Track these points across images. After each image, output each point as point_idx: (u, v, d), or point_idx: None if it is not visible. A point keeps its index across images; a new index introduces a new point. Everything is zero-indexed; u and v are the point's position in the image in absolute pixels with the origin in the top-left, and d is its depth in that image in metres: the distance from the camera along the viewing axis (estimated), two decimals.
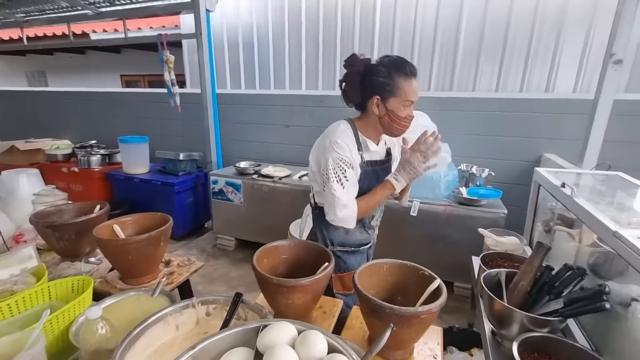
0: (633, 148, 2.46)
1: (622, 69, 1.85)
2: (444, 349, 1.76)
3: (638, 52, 2.63)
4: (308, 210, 1.53)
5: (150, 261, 1.32)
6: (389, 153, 1.41)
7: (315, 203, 1.40)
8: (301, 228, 1.37)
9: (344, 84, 1.27)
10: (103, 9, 3.73)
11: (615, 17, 1.81)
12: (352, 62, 1.23)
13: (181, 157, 3.57)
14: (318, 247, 1.15)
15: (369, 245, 1.47)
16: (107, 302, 1.01)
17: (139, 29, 5.04)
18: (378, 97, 1.19)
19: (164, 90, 3.46)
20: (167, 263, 1.47)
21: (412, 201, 2.47)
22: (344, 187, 1.21)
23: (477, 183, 2.70)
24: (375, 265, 1.05)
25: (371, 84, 1.20)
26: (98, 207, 1.53)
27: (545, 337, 0.93)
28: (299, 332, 0.58)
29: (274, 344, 0.54)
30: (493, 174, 2.72)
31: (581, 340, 1.07)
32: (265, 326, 0.58)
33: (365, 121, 1.28)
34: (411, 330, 0.88)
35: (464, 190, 2.54)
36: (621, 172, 1.56)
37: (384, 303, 0.84)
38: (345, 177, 1.21)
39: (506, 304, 1.03)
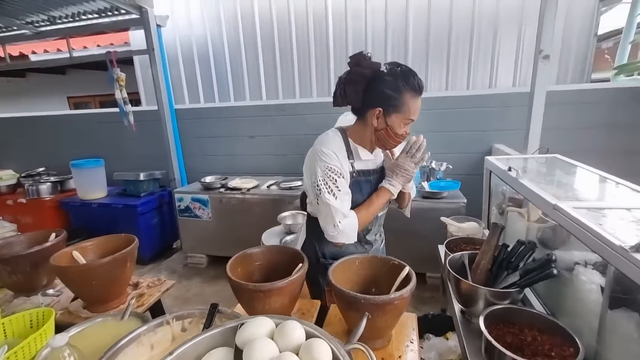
0: (566, 132, 2.75)
1: (550, 63, 2.07)
2: (421, 336, 1.83)
3: (562, 47, 2.95)
4: (303, 219, 1.43)
5: (116, 285, 1.26)
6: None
7: (308, 212, 1.33)
8: (295, 237, 1.37)
9: (344, 85, 1.15)
10: (43, 28, 3.52)
11: (540, 16, 2.02)
12: (359, 62, 1.13)
13: (142, 177, 3.42)
14: (290, 249, 1.17)
15: None
16: (73, 330, 0.95)
17: (85, 47, 4.79)
18: (380, 109, 1.11)
19: (117, 110, 3.32)
20: (136, 285, 1.41)
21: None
22: (336, 197, 1.14)
23: (437, 177, 2.86)
24: (347, 260, 1.08)
25: (376, 93, 1.12)
26: (54, 235, 1.43)
27: (507, 309, 1.02)
28: (277, 326, 0.60)
29: (253, 338, 0.55)
30: (451, 167, 2.90)
31: (538, 306, 1.17)
32: (242, 324, 0.59)
33: (359, 128, 1.21)
34: (387, 318, 0.92)
35: (426, 185, 2.68)
36: (558, 154, 1.74)
37: (358, 294, 0.87)
38: (337, 186, 1.14)
39: (471, 283, 1.11)
